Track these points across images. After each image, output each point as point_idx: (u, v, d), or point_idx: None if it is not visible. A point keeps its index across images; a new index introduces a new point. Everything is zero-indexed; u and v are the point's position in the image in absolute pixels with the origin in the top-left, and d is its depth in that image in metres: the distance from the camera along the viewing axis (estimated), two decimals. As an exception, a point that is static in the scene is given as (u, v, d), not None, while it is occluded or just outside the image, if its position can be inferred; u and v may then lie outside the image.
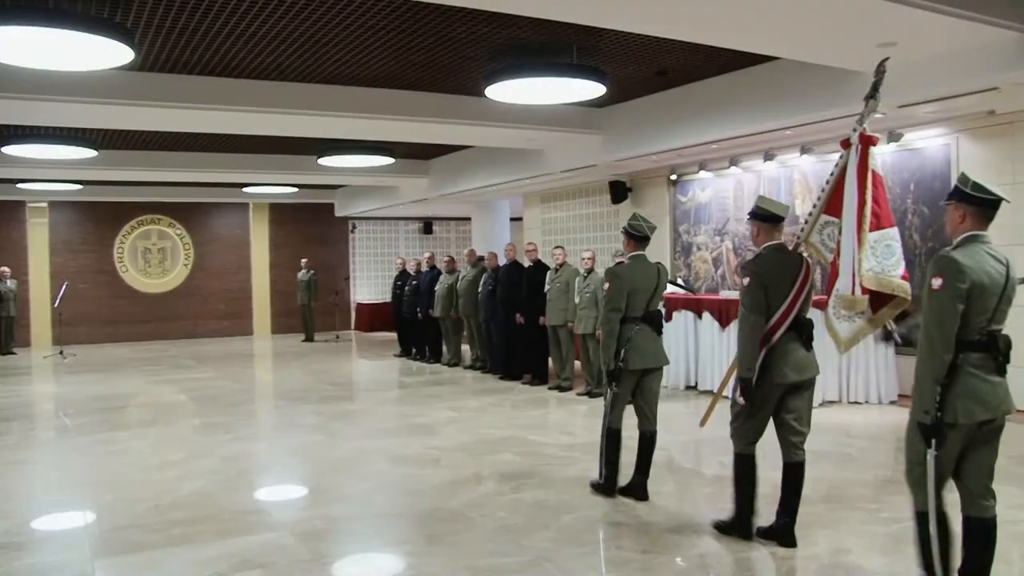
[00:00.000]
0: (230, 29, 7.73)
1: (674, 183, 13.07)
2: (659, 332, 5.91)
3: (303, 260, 20.18)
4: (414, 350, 15.35)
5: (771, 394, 4.74)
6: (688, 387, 10.81)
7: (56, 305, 18.05)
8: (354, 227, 22.64)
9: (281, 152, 14.97)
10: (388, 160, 13.90)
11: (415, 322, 15.04)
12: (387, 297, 19.62)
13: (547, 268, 11.56)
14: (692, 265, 12.80)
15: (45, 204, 19.63)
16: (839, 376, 9.70)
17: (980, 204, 3.67)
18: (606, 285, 5.83)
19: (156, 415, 10.28)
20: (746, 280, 4.73)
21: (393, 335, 17.73)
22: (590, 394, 10.44)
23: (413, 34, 8.00)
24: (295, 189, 19.29)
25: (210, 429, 9.06)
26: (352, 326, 22.46)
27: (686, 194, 12.86)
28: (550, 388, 11.18)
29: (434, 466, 7.10)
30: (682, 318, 10.75)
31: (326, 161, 13.88)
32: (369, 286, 22.83)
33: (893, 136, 9.69)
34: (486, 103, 10.14)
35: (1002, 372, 3.66)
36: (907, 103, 8.22)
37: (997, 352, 3.63)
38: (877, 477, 6.56)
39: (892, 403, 9.56)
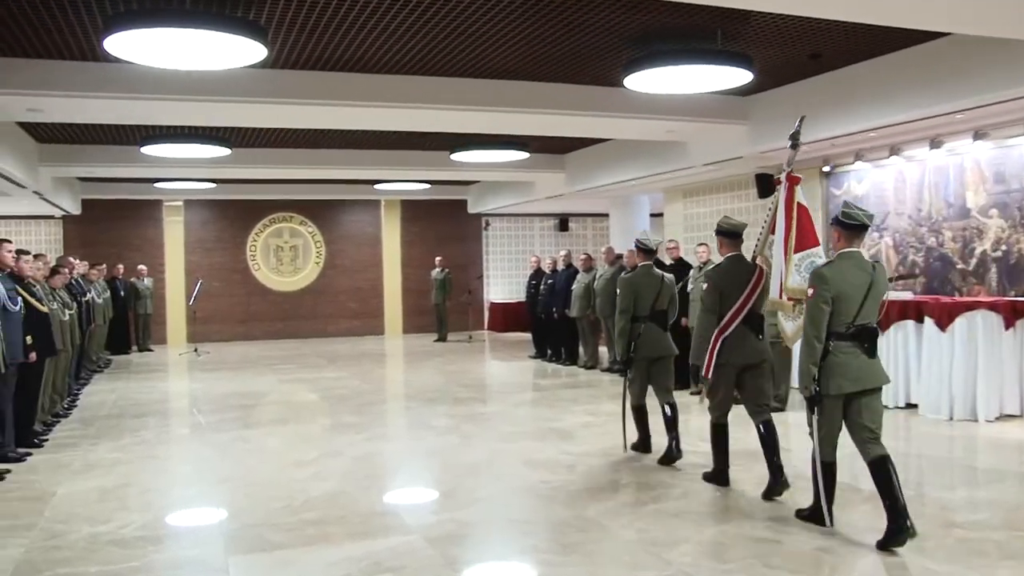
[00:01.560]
0: (361, 24, 7.95)
1: (827, 175, 12.70)
2: (665, 328, 7.59)
3: (438, 259, 20.52)
4: (549, 351, 15.43)
5: (730, 373, 6.30)
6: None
7: (191, 303, 18.94)
8: (487, 224, 22.92)
9: (413, 148, 15.27)
10: (523, 155, 14.02)
11: (550, 322, 15.12)
12: (521, 296, 19.77)
13: (690, 267, 11.41)
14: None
15: (181, 203, 20.67)
16: (1021, 387, 9.14)
17: (848, 227, 5.21)
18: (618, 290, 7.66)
19: (288, 414, 10.69)
20: (705, 286, 6.49)
21: (527, 336, 17.84)
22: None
23: (549, 24, 8.05)
24: (427, 185, 19.64)
25: (341, 429, 9.34)
26: (485, 326, 22.73)
27: (840, 187, 12.48)
28: (692, 393, 11.01)
29: (570, 472, 7.13)
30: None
31: (459, 156, 14.12)
32: (503, 285, 23.07)
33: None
34: (625, 94, 10.09)
35: (871, 355, 5.14)
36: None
37: (864, 340, 5.11)
38: (1060, 498, 6.23)
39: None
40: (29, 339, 8.00)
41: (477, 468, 7.40)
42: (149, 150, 12.87)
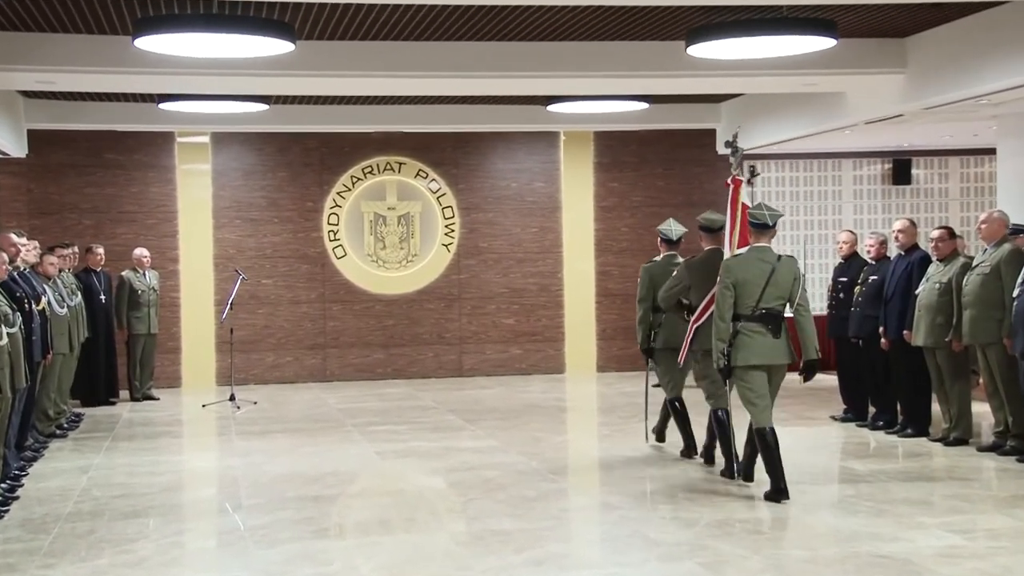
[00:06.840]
0: None
1: None
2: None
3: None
4: (873, 409, 15.23)
5: (690, 357, 12.27)
6: None
7: (223, 316, 19.17)
8: (754, 172, 22.55)
9: (617, 37, 15.17)
10: (825, 42, 13.64)
11: (874, 354, 14.86)
12: (818, 305, 19.37)
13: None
14: None
15: (206, 137, 21.17)
16: None
17: (754, 227, 10.98)
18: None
19: (393, 513, 10.78)
20: (674, 273, 12.40)
21: (830, 379, 17.46)
22: None
23: None
24: (644, 105, 19.50)
25: (489, 542, 9.36)
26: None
27: None
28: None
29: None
30: None
31: (701, 50, 13.86)
32: (781, 285, 22.77)
33: None
34: None
35: (776, 335, 10.80)
36: None
37: (768, 322, 10.76)
38: None
39: None
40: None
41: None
42: (147, 43, 12.91)
